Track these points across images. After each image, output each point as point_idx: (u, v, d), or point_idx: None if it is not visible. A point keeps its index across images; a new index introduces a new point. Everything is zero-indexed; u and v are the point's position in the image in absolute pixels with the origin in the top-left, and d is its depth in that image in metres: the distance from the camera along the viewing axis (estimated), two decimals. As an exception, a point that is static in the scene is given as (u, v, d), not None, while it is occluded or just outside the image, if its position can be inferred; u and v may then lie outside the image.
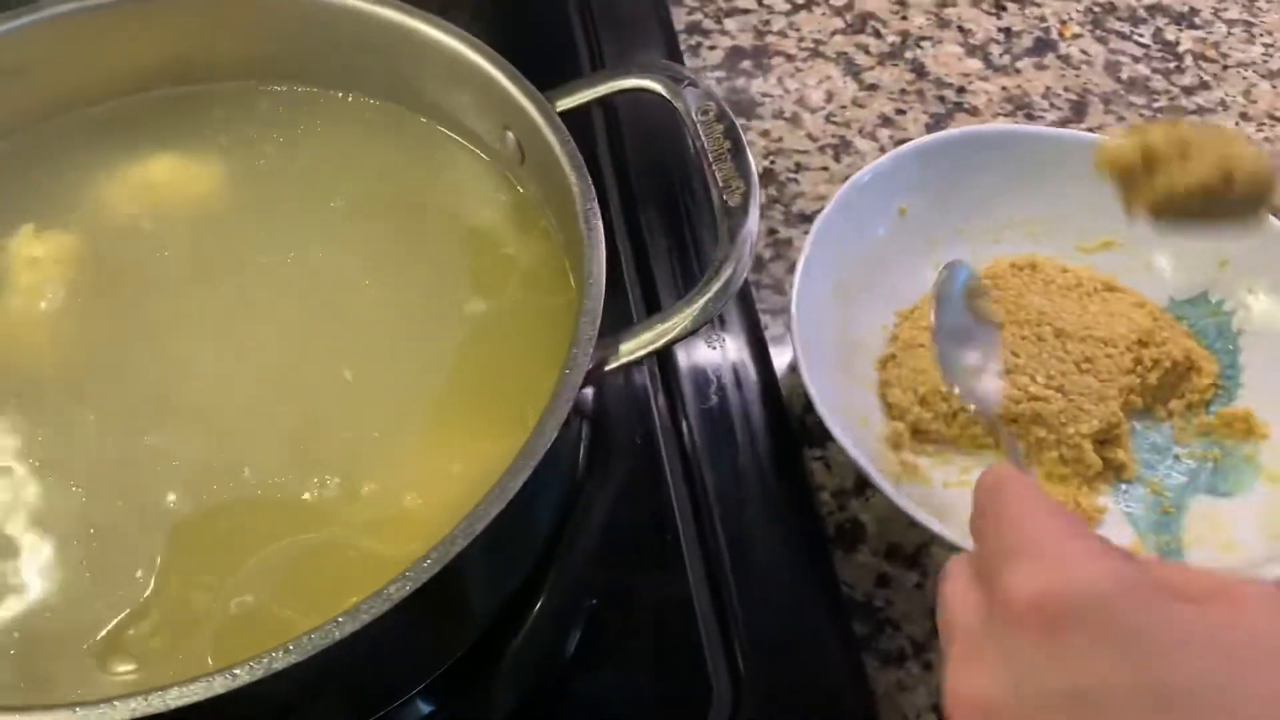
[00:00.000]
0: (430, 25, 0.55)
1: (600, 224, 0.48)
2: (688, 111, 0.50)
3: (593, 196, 0.48)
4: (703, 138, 0.49)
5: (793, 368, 0.61)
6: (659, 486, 0.56)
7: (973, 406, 0.52)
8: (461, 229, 0.57)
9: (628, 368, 0.46)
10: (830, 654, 0.50)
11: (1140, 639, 0.30)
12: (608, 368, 0.45)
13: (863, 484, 0.57)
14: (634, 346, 0.46)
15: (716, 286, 0.46)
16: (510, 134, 0.55)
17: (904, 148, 0.61)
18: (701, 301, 0.46)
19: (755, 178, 0.48)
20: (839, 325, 0.59)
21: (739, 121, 0.71)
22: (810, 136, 0.71)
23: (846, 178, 0.68)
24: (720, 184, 0.48)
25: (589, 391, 0.57)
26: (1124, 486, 0.56)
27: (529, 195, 0.57)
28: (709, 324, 0.52)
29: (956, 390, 0.52)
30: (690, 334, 0.45)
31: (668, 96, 0.51)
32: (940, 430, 0.56)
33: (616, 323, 0.46)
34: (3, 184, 0.57)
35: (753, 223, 0.46)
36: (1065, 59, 0.76)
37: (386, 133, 0.59)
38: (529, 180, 0.56)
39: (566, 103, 0.53)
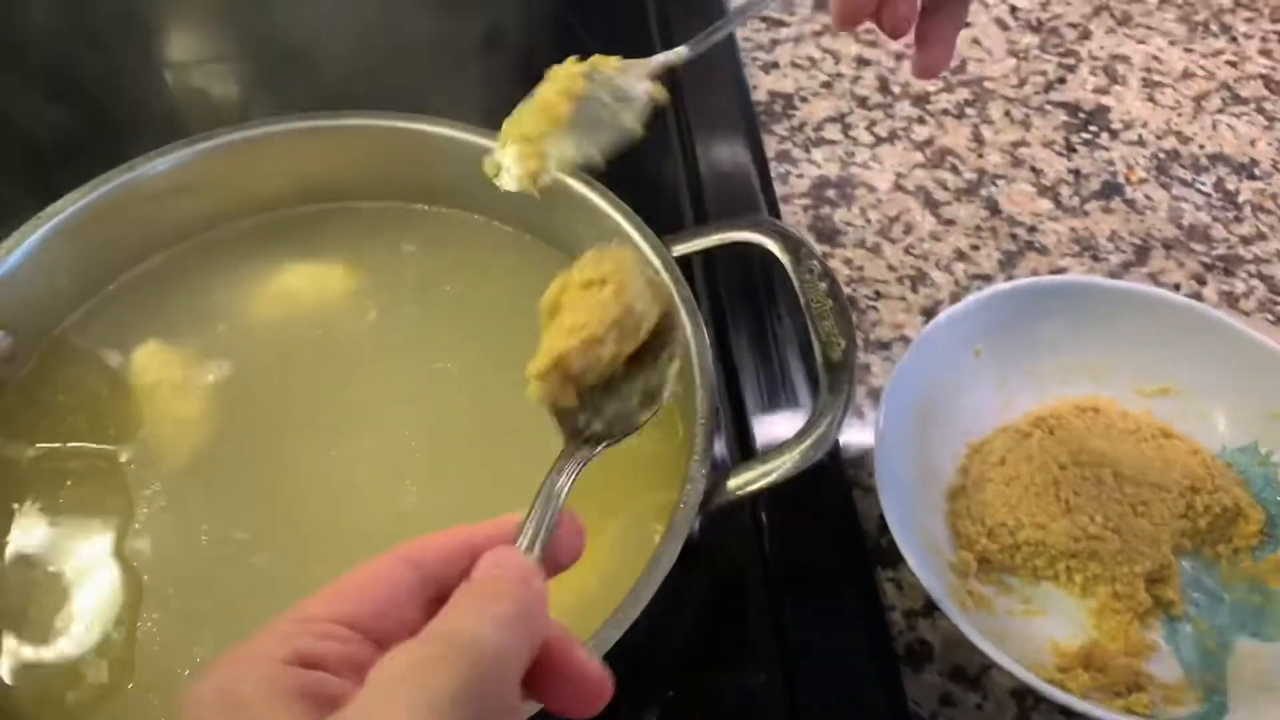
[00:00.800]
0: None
1: (712, 369, 0.54)
2: (794, 268, 0.56)
3: (708, 346, 0.54)
4: (806, 295, 0.55)
5: (868, 489, 0.66)
6: (742, 597, 0.61)
7: None
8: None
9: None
10: (898, 768, 0.55)
11: None
12: (713, 504, 0.51)
13: (931, 606, 0.61)
14: (738, 484, 0.51)
15: (816, 434, 0.51)
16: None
17: (980, 294, 0.66)
18: (801, 448, 0.51)
19: (855, 337, 0.53)
20: (916, 454, 0.64)
21: (823, 249, 0.78)
22: (890, 267, 0.77)
23: (923, 308, 0.74)
24: (823, 339, 0.54)
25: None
26: (1173, 623, 0.60)
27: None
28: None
29: None
30: (789, 478, 0.51)
31: (777, 254, 0.57)
32: (1005, 561, 0.61)
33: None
34: (162, 290, 0.64)
35: (852, 380, 0.52)
36: (1130, 203, 0.81)
37: (515, 257, 0.65)
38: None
39: (681, 249, 0.59)
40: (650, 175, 0.80)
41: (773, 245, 0.57)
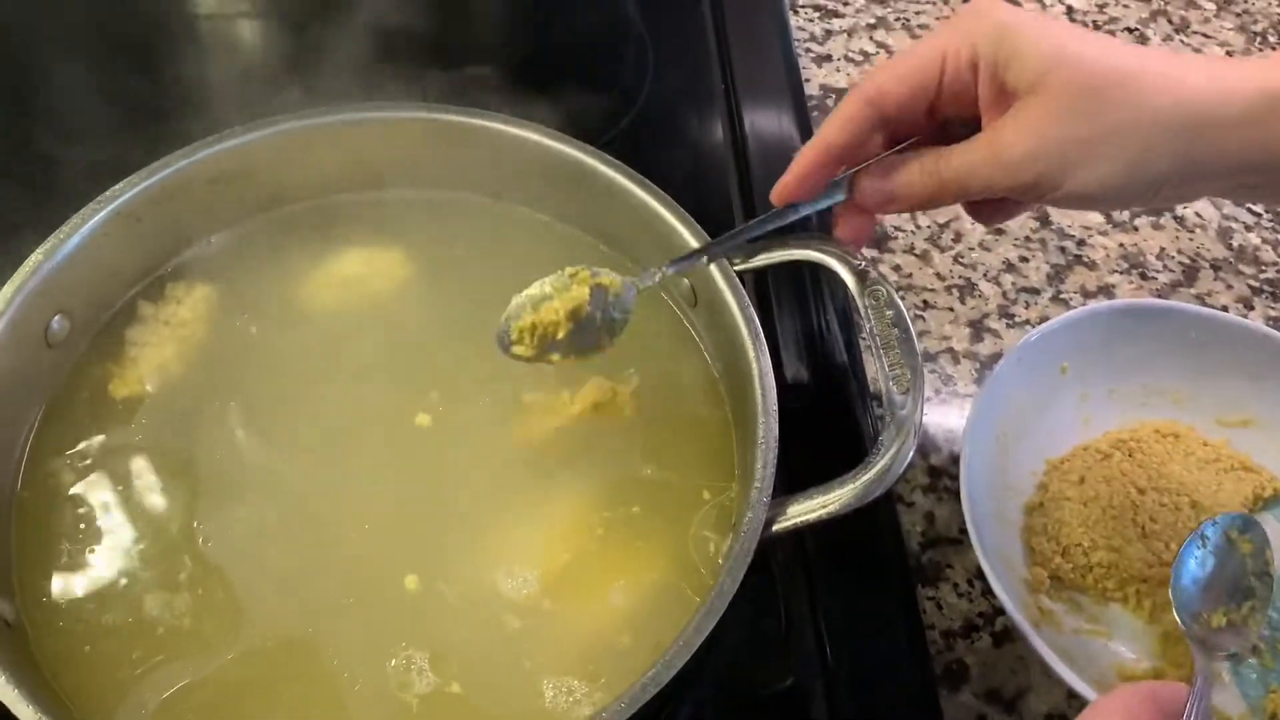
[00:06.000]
0: (626, 178, 0.61)
1: (775, 395, 0.53)
2: (859, 294, 0.55)
3: (769, 369, 0.54)
4: (872, 322, 0.55)
5: (910, 505, 0.66)
6: (785, 610, 0.61)
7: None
8: (627, 356, 0.62)
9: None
10: (935, 788, 0.56)
11: None
12: (775, 528, 0.51)
13: (969, 627, 0.62)
14: (798, 511, 0.51)
15: (878, 467, 0.51)
16: (686, 281, 0.61)
17: (1072, 313, 0.67)
18: (864, 480, 0.51)
19: (922, 368, 0.53)
20: (996, 469, 0.64)
21: (872, 254, 0.77)
22: (938, 275, 0.76)
23: (970, 320, 0.74)
24: (887, 370, 0.53)
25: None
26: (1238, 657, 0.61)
27: (697, 332, 0.62)
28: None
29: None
30: (849, 510, 0.51)
31: (843, 277, 0.56)
32: (1076, 580, 0.62)
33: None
34: (217, 271, 0.64)
35: (918, 413, 0.52)
36: (1181, 221, 0.81)
37: (571, 253, 0.65)
38: (697, 318, 0.62)
39: (743, 267, 0.58)
40: (701, 162, 0.80)
41: (839, 268, 0.57)
